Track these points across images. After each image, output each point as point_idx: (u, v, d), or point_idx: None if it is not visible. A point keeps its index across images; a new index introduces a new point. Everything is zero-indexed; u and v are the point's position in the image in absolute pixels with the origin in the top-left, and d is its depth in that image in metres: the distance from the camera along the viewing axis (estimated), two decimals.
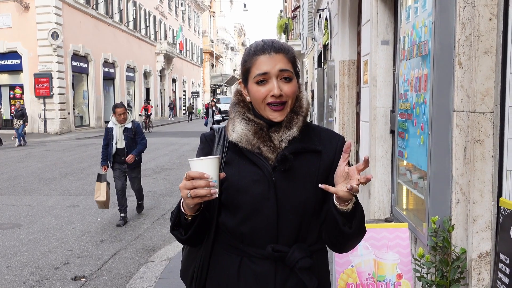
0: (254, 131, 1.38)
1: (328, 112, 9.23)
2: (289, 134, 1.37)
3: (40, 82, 22.15)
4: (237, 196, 1.37)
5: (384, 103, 4.53)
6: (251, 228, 1.37)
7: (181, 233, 1.38)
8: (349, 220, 1.29)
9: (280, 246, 1.36)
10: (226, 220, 1.41)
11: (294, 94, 1.38)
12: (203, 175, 1.23)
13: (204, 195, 1.23)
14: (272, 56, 1.36)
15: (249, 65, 1.40)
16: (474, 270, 2.40)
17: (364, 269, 2.65)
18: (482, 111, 2.30)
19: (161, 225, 6.18)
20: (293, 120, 1.39)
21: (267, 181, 1.35)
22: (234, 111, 1.44)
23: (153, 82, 38.50)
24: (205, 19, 60.90)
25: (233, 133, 1.40)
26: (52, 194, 8.20)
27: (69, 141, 19.40)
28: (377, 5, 4.52)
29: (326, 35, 9.97)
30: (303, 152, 1.39)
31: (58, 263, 4.77)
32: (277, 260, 1.37)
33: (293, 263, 1.35)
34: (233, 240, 1.41)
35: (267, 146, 1.37)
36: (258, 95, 1.37)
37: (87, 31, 25.81)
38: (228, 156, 1.42)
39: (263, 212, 1.35)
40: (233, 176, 1.38)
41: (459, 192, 2.52)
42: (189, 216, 1.34)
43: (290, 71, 1.37)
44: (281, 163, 1.35)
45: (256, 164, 1.37)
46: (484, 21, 2.27)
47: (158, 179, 9.69)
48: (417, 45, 3.01)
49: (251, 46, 1.44)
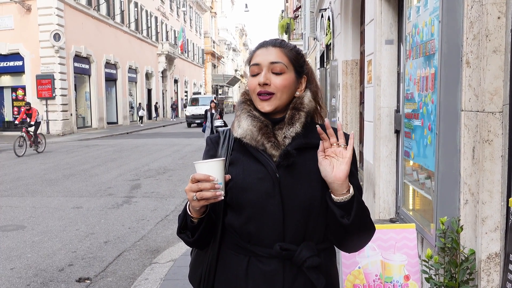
0: (259, 128, 1.39)
1: (332, 112, 9.21)
2: (292, 130, 1.38)
3: (42, 83, 22.18)
4: (242, 195, 1.37)
5: (388, 102, 4.51)
6: (258, 227, 1.36)
7: (188, 236, 1.39)
8: (347, 211, 1.29)
9: (287, 245, 1.35)
10: (232, 220, 1.41)
11: (284, 87, 1.39)
12: (209, 178, 1.25)
13: (210, 197, 1.25)
14: (268, 49, 1.42)
15: (249, 59, 1.46)
16: (483, 271, 2.38)
17: (371, 270, 2.63)
18: (491, 110, 2.28)
19: (165, 226, 6.16)
20: (295, 116, 1.40)
21: (271, 178, 1.35)
22: (241, 109, 1.46)
23: (155, 83, 38.54)
24: (207, 19, 60.93)
25: (238, 129, 1.41)
26: (55, 196, 8.20)
27: (72, 142, 19.43)
28: (381, 4, 4.50)
29: (329, 35, 9.95)
30: (307, 148, 1.38)
31: (62, 265, 4.76)
32: (285, 259, 1.36)
33: (301, 262, 1.34)
34: (240, 240, 1.41)
35: (271, 143, 1.37)
36: (250, 86, 1.42)
37: (89, 33, 25.85)
38: (233, 156, 1.43)
39: (269, 210, 1.35)
40: (237, 175, 1.39)
41: (468, 192, 2.49)
42: (196, 219, 1.35)
43: (283, 64, 1.39)
44: (284, 159, 1.35)
45: (260, 161, 1.38)
46: (493, 19, 2.25)
47: (161, 180, 9.68)
48: (423, 44, 2.99)
49: None
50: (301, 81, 1.45)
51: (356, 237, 1.36)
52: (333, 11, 9.04)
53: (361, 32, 7.06)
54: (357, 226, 1.31)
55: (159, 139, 20.13)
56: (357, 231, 1.33)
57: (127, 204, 7.47)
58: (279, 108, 1.41)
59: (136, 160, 13.04)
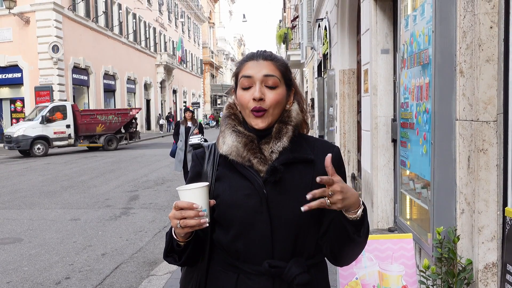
0: (244, 143, 1.36)
1: (329, 121, 9.22)
2: (279, 144, 1.35)
3: (41, 95, 22.22)
4: (229, 212, 1.34)
5: (385, 112, 4.52)
6: (246, 244, 1.34)
7: (175, 259, 1.37)
8: (358, 228, 1.26)
9: (276, 262, 1.32)
10: (220, 236, 1.39)
11: (277, 102, 1.36)
12: (192, 206, 1.21)
13: (194, 225, 1.22)
14: (259, 62, 1.37)
15: (238, 71, 1.41)
16: (480, 282, 2.36)
17: (368, 281, 2.61)
18: (485, 119, 2.28)
19: (162, 238, 6.13)
20: (282, 131, 1.37)
21: (258, 195, 1.32)
22: (225, 124, 1.43)
23: (154, 94, 38.61)
24: (205, 30, 61.24)
25: (223, 146, 1.38)
26: (53, 208, 8.16)
27: (70, 153, 19.40)
28: (376, 14, 4.53)
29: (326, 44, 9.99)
30: (295, 163, 1.36)
31: (59, 278, 4.72)
32: (274, 276, 1.33)
33: (291, 279, 1.31)
34: (229, 257, 1.38)
35: (257, 158, 1.34)
36: (242, 100, 1.37)
37: (88, 44, 25.97)
38: (219, 172, 1.40)
39: (256, 227, 1.32)
40: (224, 192, 1.36)
41: (464, 202, 2.49)
42: (182, 243, 1.33)
43: (277, 77, 1.36)
44: (271, 175, 1.32)
45: (246, 177, 1.34)
46: (485, 29, 2.26)
47: (160, 191, 9.65)
48: (417, 54, 3.00)
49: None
50: (290, 94, 1.43)
51: (358, 251, 1.34)
52: (330, 21, 9.08)
53: (358, 42, 7.09)
54: (365, 239, 1.30)
55: (157, 149, 20.12)
56: (364, 244, 1.32)
57: (125, 216, 7.44)
58: (272, 124, 1.38)
59: (134, 171, 13.02)
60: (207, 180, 1.40)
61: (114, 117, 20.53)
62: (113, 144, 20.54)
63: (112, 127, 20.49)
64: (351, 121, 7.71)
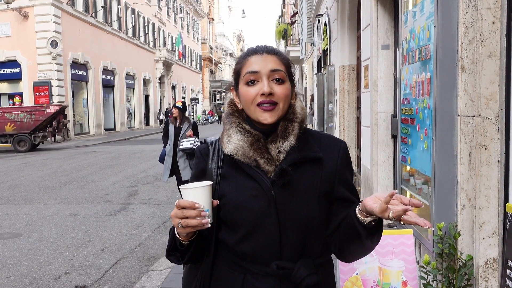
0: (250, 143, 1.31)
1: (329, 117, 9.21)
2: (287, 144, 1.31)
3: (39, 90, 22.16)
4: (236, 213, 1.31)
5: (385, 107, 4.51)
6: (253, 246, 1.31)
7: (178, 258, 1.33)
8: (371, 233, 1.22)
9: (284, 263, 1.30)
10: (226, 237, 1.36)
11: (286, 97, 1.32)
12: (194, 205, 1.17)
13: (196, 225, 1.18)
14: (264, 56, 1.33)
15: (240, 66, 1.35)
16: (481, 277, 2.36)
17: (369, 276, 2.61)
18: (486, 115, 2.27)
19: (162, 233, 6.13)
20: (288, 129, 1.33)
21: (266, 196, 1.29)
22: (229, 122, 1.38)
23: (153, 89, 38.55)
24: (204, 25, 61.10)
25: (229, 145, 1.34)
26: (52, 203, 8.16)
27: (69, 149, 19.38)
28: (376, 9, 4.51)
29: (325, 40, 9.97)
30: (303, 162, 1.32)
31: (58, 273, 4.72)
32: (282, 277, 1.31)
33: (299, 280, 1.29)
34: (235, 257, 1.36)
35: (264, 159, 1.30)
36: (248, 96, 1.31)
37: (86, 39, 25.89)
38: (224, 170, 1.36)
39: (265, 229, 1.29)
40: (231, 192, 1.33)
41: (465, 197, 2.49)
42: (185, 241, 1.29)
43: (283, 71, 1.32)
44: (280, 177, 1.29)
45: (253, 178, 1.30)
46: (488, 24, 2.25)
47: (159, 187, 9.65)
48: (419, 49, 2.99)
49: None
50: (293, 89, 1.39)
51: (367, 253, 1.32)
52: (330, 17, 9.06)
53: (358, 37, 7.08)
54: (376, 245, 1.28)
55: (156, 145, 20.10)
56: (373, 249, 1.30)
57: (124, 211, 7.44)
58: (278, 120, 1.33)
59: (134, 167, 13.01)
60: (212, 178, 1.36)
61: (26, 115, 17.99)
62: (25, 145, 18.07)
63: (24, 126, 18.02)
64: (350, 117, 7.71)
